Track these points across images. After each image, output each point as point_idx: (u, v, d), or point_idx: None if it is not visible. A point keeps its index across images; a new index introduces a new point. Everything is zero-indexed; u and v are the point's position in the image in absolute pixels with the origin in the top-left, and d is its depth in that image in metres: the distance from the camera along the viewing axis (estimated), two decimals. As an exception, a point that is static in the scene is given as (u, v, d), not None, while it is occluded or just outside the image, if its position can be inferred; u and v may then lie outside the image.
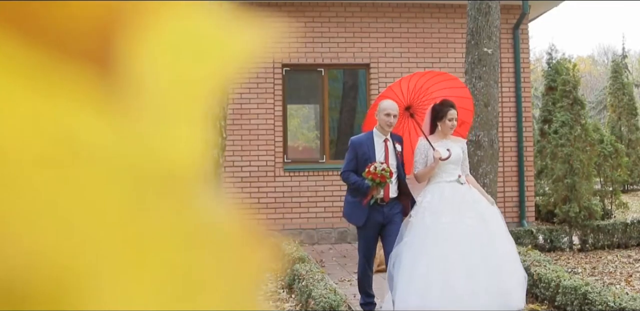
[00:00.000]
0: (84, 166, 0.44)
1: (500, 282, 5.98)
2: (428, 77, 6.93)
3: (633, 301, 5.96)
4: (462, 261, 5.95)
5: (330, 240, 12.19)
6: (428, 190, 6.43)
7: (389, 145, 6.55)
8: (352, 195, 6.58)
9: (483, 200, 6.43)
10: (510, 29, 12.89)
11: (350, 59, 12.52)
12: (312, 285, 6.88)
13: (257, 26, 0.51)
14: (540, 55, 53.35)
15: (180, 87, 0.49)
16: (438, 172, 6.42)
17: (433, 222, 6.16)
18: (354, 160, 6.55)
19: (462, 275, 5.91)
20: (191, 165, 0.48)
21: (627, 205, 14.91)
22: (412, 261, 6.04)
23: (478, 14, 9.33)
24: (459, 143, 6.64)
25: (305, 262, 8.35)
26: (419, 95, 6.87)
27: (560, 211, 11.47)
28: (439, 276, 5.93)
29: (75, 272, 0.43)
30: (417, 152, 6.54)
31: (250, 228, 0.51)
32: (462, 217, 6.15)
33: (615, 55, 45.14)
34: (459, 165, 6.52)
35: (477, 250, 6.02)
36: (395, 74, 12.46)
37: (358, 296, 7.67)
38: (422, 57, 12.60)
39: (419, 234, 6.14)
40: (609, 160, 14.45)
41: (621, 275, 9.01)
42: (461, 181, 6.42)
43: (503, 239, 6.28)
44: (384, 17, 12.55)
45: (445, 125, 6.47)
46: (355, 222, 6.60)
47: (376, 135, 6.58)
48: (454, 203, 6.24)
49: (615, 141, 15.27)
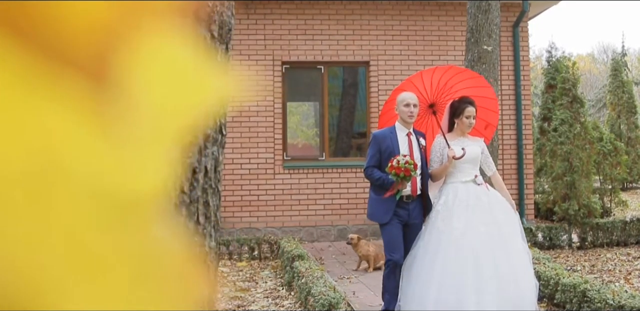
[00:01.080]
0: (59, 181, 0.45)
1: (511, 293, 5.72)
2: (451, 73, 6.58)
3: (632, 299, 5.96)
4: (473, 277, 5.67)
5: (329, 237, 12.19)
6: (443, 191, 6.17)
7: (413, 139, 6.24)
8: (376, 192, 6.25)
9: (501, 202, 6.10)
10: (510, 27, 12.89)
11: (350, 57, 12.52)
12: (312, 283, 6.88)
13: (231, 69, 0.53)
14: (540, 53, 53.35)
15: (162, 115, 0.50)
16: (453, 171, 6.15)
17: (446, 227, 5.90)
18: (377, 154, 6.21)
19: (473, 290, 5.65)
20: (156, 193, 0.49)
21: (627, 203, 14.92)
22: (423, 283, 5.81)
23: (478, 11, 9.32)
24: (477, 143, 6.34)
25: (305, 260, 8.35)
26: (442, 92, 6.57)
27: (560, 209, 11.48)
28: (451, 295, 5.67)
29: (39, 281, 0.44)
30: (433, 150, 6.29)
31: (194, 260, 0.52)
32: (476, 224, 5.86)
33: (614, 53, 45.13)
34: (476, 165, 6.21)
35: (490, 262, 5.73)
36: (395, 72, 12.47)
37: (357, 294, 7.69)
38: (422, 54, 12.60)
39: (431, 241, 5.92)
40: (609, 158, 14.46)
41: (620, 272, 9.01)
42: (478, 181, 6.11)
43: (516, 247, 5.96)
44: (384, 15, 12.55)
45: (462, 122, 6.18)
46: (380, 219, 6.22)
47: (399, 129, 6.26)
48: (468, 207, 5.96)
49: (614, 139, 15.28)
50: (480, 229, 5.84)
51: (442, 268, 5.77)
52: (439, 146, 6.21)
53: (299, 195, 12.21)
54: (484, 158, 6.33)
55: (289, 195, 12.19)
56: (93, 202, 0.46)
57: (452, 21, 12.71)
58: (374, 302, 7.27)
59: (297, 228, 12.12)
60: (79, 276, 0.45)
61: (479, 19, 9.32)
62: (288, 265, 8.59)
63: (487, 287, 5.64)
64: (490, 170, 6.42)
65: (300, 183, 12.24)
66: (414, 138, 6.24)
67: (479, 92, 6.57)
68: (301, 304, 7.14)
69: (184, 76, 0.51)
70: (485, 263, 5.71)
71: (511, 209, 6.13)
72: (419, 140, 6.26)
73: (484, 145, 6.41)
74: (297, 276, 7.66)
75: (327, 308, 6.10)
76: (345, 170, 12.35)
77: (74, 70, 0.45)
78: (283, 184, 12.19)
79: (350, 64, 12.75)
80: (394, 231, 6.15)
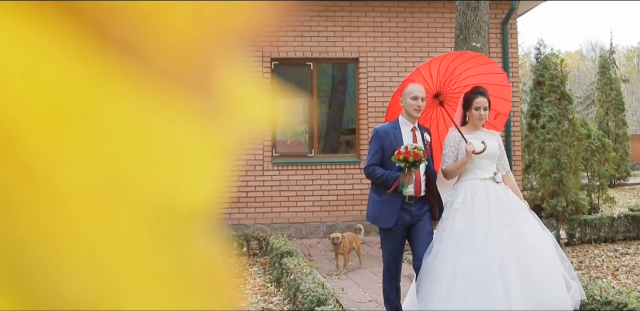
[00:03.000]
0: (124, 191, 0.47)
1: (539, 297, 5.16)
2: (461, 59, 6.00)
3: (619, 295, 5.99)
4: (502, 285, 5.11)
5: (318, 234, 12.20)
6: (459, 188, 5.64)
7: (418, 134, 5.74)
8: (377, 192, 5.73)
9: (519, 202, 5.62)
10: (499, 24, 12.91)
11: (339, 53, 12.52)
12: (300, 279, 6.89)
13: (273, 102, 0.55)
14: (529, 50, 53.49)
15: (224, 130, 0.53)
16: (471, 167, 5.64)
17: (467, 228, 5.39)
18: (379, 152, 5.69)
19: (504, 300, 5.07)
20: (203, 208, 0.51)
21: (614, 200, 14.98)
22: (447, 289, 5.23)
23: (467, 8, 9.34)
24: (494, 136, 5.83)
25: (294, 256, 8.36)
26: (449, 80, 6.02)
27: (548, 205, 11.52)
28: (480, 305, 5.08)
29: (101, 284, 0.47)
30: (446, 144, 5.74)
31: (230, 271, 0.54)
32: (499, 225, 5.37)
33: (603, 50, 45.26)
34: (494, 161, 5.71)
35: (515, 266, 5.19)
36: (384, 68, 12.48)
37: (346, 290, 7.69)
38: (411, 51, 12.61)
39: (451, 245, 5.37)
40: (596, 155, 14.52)
41: (607, 269, 9.06)
42: (497, 179, 5.61)
43: (535, 247, 5.37)
44: (373, 12, 12.56)
45: (472, 115, 5.69)
46: (383, 223, 5.67)
47: (403, 123, 5.75)
48: (490, 206, 5.46)
49: (602, 136, 15.34)
50: (503, 230, 5.35)
51: (465, 276, 5.22)
52: (454, 140, 5.70)
53: (287, 191, 12.22)
54: (500, 153, 5.84)
55: (277, 191, 12.19)
56: (151, 212, 0.48)
57: (441, 18, 12.73)
58: (362, 299, 7.28)
59: (286, 225, 12.12)
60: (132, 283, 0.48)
61: (468, 16, 9.33)
62: (277, 262, 8.59)
63: (517, 295, 5.09)
64: (504, 168, 5.87)
65: (289, 180, 12.24)
66: (419, 133, 5.76)
67: (489, 79, 6.07)
68: (290, 300, 7.15)
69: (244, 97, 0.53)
70: (510, 267, 5.19)
71: (527, 209, 5.64)
72: (424, 136, 5.78)
73: (501, 141, 5.93)
74: (286, 273, 7.66)
75: (315, 305, 6.11)
76: (334, 167, 12.36)
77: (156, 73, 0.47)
78: (272, 181, 12.19)
79: (340, 61, 12.75)
80: (397, 239, 5.69)
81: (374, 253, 10.30)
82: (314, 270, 7.73)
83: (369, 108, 12.50)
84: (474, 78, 5.98)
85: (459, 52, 6.36)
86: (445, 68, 5.93)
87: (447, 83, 6.01)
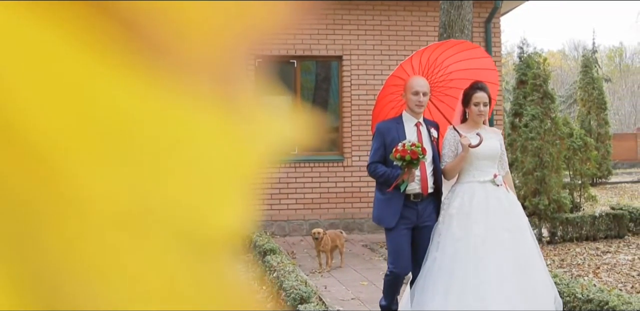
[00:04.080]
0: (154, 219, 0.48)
1: (535, 306, 5.01)
2: (443, 48, 5.76)
3: (600, 293, 6.02)
4: (502, 299, 4.88)
5: (301, 231, 12.20)
6: (457, 191, 5.35)
7: (422, 130, 5.51)
8: (381, 191, 5.49)
9: (519, 206, 5.40)
10: (482, 23, 12.95)
11: (323, 51, 12.52)
12: (283, 277, 6.88)
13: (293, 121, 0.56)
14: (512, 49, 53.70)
15: (237, 160, 0.53)
16: (469, 169, 5.35)
17: (463, 233, 5.11)
18: (381, 148, 5.45)
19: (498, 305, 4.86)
20: (230, 235, 0.52)
21: (596, 198, 15.06)
22: (443, 298, 5.01)
23: (450, 7, 9.36)
24: (495, 135, 5.56)
25: (277, 254, 8.35)
26: (432, 70, 5.75)
27: (530, 203, 11.56)
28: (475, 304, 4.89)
29: None
30: (445, 144, 5.45)
31: (250, 293, 0.55)
32: (497, 230, 5.10)
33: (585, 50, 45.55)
34: (495, 162, 5.41)
35: (514, 275, 4.99)
36: (368, 66, 12.49)
37: (329, 288, 7.70)
38: (395, 49, 12.62)
39: (448, 251, 5.13)
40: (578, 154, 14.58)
41: (589, 267, 9.11)
42: (497, 182, 5.30)
43: (537, 256, 5.23)
44: (357, 10, 12.56)
45: (471, 111, 5.41)
46: (387, 223, 5.40)
47: (406, 118, 5.52)
48: (488, 210, 5.17)
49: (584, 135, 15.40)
50: (502, 236, 5.09)
51: (462, 286, 4.99)
52: (453, 139, 5.41)
53: (271, 189, 12.20)
54: (501, 153, 5.53)
55: (260, 189, 12.15)
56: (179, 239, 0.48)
57: (425, 16, 12.75)
58: (345, 296, 7.29)
59: (269, 223, 12.11)
60: (155, 302, 0.48)
61: (451, 15, 9.36)
62: (260, 259, 8.58)
63: (513, 302, 4.90)
64: (503, 169, 5.57)
65: (272, 177, 12.20)
66: (423, 129, 5.52)
67: (474, 64, 5.85)
68: (273, 298, 7.14)
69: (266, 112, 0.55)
70: (508, 280, 4.97)
71: (523, 213, 5.43)
72: (430, 131, 5.54)
73: (502, 139, 5.64)
74: (269, 271, 7.65)
75: (298, 302, 6.11)
76: (318, 165, 12.36)
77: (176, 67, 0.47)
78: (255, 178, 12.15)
79: (323, 59, 12.75)
80: (401, 239, 5.36)
81: (356, 251, 10.31)
82: (297, 267, 7.73)
83: (352, 107, 12.51)
84: (458, 65, 5.79)
85: (441, 42, 6.14)
86: (427, 58, 5.69)
87: (431, 73, 5.75)
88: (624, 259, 9.60)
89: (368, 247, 10.70)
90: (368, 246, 10.78)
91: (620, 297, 5.88)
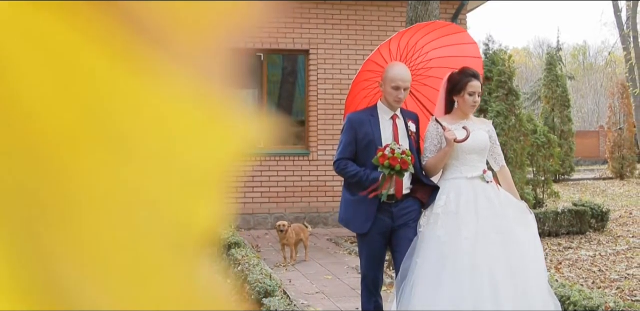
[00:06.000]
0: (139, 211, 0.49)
1: None
2: (425, 31, 5.13)
3: (562, 288, 6.09)
4: (492, 305, 4.34)
5: (266, 225, 12.19)
6: (441, 188, 4.77)
7: (399, 123, 4.86)
8: (350, 191, 4.84)
9: (514, 204, 4.77)
10: (449, 19, 12.98)
11: (289, 45, 12.50)
12: (248, 270, 6.87)
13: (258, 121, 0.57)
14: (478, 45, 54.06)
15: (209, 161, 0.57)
16: (455, 164, 4.78)
17: (449, 236, 4.56)
18: (352, 144, 4.80)
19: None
20: (208, 236, 0.53)
21: (558, 194, 15.21)
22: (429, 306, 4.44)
23: (418, 3, 9.38)
24: (484, 126, 4.96)
25: (241, 247, 8.33)
26: (410, 55, 5.14)
27: (494, 199, 11.64)
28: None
29: None
30: (427, 137, 4.86)
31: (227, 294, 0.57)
32: (487, 231, 4.54)
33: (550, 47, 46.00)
34: (483, 156, 4.85)
35: (507, 280, 4.43)
36: (334, 60, 12.49)
37: (293, 281, 7.69)
38: (362, 44, 12.63)
39: (431, 255, 4.55)
40: (542, 150, 14.72)
41: (551, 262, 9.20)
42: (487, 178, 4.72)
43: (533, 258, 4.63)
44: (324, 4, 12.55)
45: (464, 101, 4.78)
46: (358, 228, 4.81)
47: (381, 110, 4.87)
48: (477, 210, 4.61)
49: (548, 132, 15.56)
50: (493, 238, 4.54)
51: (449, 295, 4.43)
52: (436, 132, 4.82)
53: (235, 182, 12.16)
54: (491, 147, 4.96)
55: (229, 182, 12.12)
56: (154, 242, 0.50)
57: (392, 12, 12.77)
58: (309, 290, 7.30)
59: (234, 216, 12.07)
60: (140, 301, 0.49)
61: (418, 10, 9.38)
62: (224, 253, 8.56)
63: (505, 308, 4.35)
64: (497, 163, 5.04)
65: (237, 171, 12.17)
66: (400, 122, 4.87)
67: (457, 50, 5.27)
68: (237, 291, 7.13)
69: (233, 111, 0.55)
70: (502, 285, 4.41)
71: (525, 210, 4.81)
72: (407, 125, 4.88)
73: (493, 130, 5.05)
74: (233, 264, 7.64)
75: (263, 296, 6.10)
76: (283, 158, 12.35)
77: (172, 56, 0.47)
78: (220, 171, 12.12)
79: (290, 52, 12.73)
80: (374, 245, 4.79)
81: (321, 245, 10.32)
82: (262, 261, 7.72)
83: (318, 100, 12.51)
84: (439, 51, 5.20)
85: (427, 23, 5.45)
86: (406, 42, 5.07)
87: (409, 59, 5.14)
88: (585, 255, 9.72)
89: (333, 241, 10.71)
90: (333, 240, 10.79)
91: (582, 292, 5.96)
